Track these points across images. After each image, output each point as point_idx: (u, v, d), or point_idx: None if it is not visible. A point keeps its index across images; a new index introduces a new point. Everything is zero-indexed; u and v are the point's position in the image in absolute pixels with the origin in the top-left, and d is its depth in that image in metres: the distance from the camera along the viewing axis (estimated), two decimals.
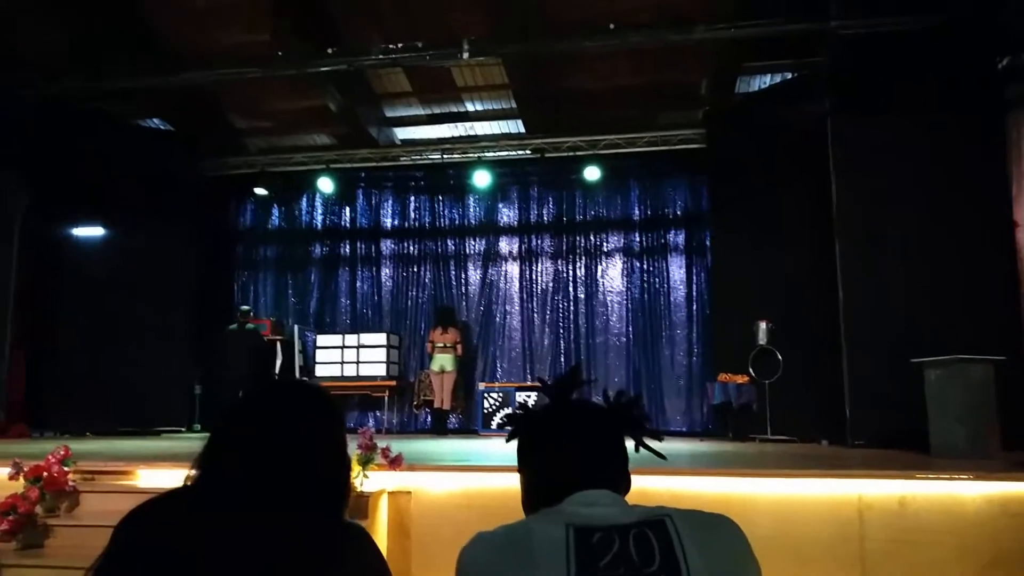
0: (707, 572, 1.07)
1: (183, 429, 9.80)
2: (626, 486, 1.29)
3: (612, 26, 7.70)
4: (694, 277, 10.42)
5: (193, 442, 7.77)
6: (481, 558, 1.15)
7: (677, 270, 10.51)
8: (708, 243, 10.14)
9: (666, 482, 4.16)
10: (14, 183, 8.55)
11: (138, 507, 1.11)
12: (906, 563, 3.87)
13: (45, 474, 4.29)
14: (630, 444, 1.37)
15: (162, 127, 10.79)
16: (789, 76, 9.16)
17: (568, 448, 1.28)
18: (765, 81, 9.52)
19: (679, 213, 10.66)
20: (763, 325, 8.11)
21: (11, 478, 4.32)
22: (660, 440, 1.42)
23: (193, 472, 1.16)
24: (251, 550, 1.04)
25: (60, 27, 8.55)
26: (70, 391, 8.89)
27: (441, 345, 9.92)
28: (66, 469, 4.39)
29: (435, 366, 9.91)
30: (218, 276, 11.43)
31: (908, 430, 5.89)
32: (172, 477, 4.65)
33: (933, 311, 6.45)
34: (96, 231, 9.71)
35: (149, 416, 9.36)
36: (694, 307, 10.35)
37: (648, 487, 4.10)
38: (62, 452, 4.43)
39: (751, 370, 8.20)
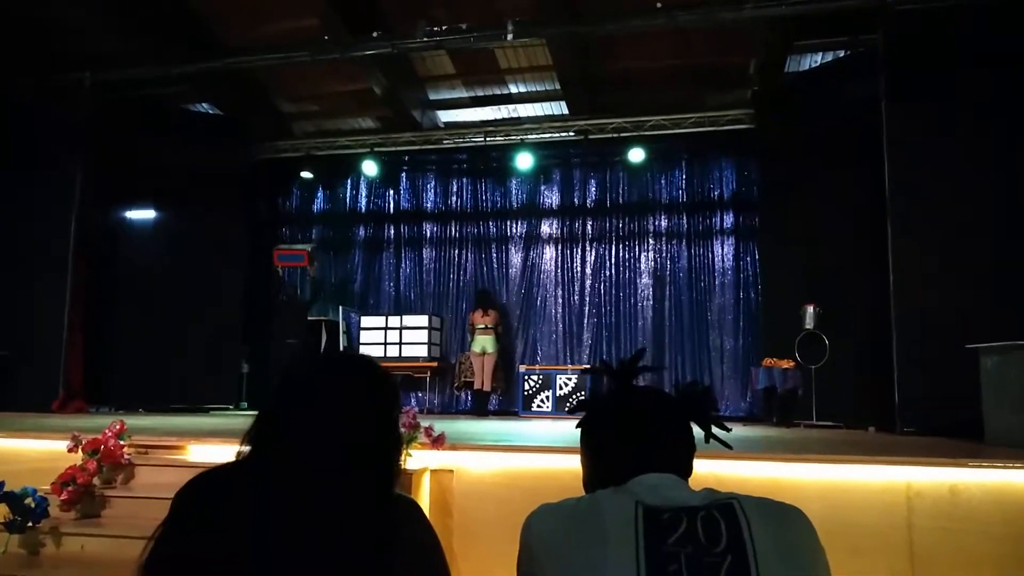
0: (774, 556, 1.06)
1: (231, 407, 10.03)
2: (689, 472, 1.31)
3: (659, 5, 7.58)
4: (740, 260, 10.26)
5: (240, 419, 8.00)
6: (549, 527, 1.16)
7: (723, 253, 10.36)
8: (756, 226, 9.96)
9: (710, 465, 4.12)
10: (71, 170, 8.80)
11: (193, 479, 1.14)
12: (956, 552, 3.77)
13: (102, 447, 4.44)
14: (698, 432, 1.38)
15: (211, 112, 10.98)
16: (842, 54, 8.90)
17: (637, 432, 1.29)
18: (816, 60, 9.27)
19: (726, 195, 10.50)
20: (810, 309, 7.95)
21: (70, 451, 4.48)
22: (728, 431, 1.41)
23: (244, 447, 1.17)
24: (300, 521, 1.06)
25: (112, 17, 8.75)
26: (125, 369, 9.19)
27: (482, 327, 9.99)
28: (122, 443, 4.53)
29: (476, 347, 9.98)
30: (265, 258, 11.63)
31: (961, 418, 5.73)
32: (220, 452, 4.78)
33: (988, 296, 6.25)
34: (149, 214, 9.99)
35: (198, 394, 9.61)
36: (740, 291, 10.20)
37: (694, 471, 4.06)
38: (118, 427, 4.57)
39: (797, 355, 8.06)
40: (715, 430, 1.39)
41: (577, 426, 1.39)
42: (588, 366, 10.14)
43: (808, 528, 1.15)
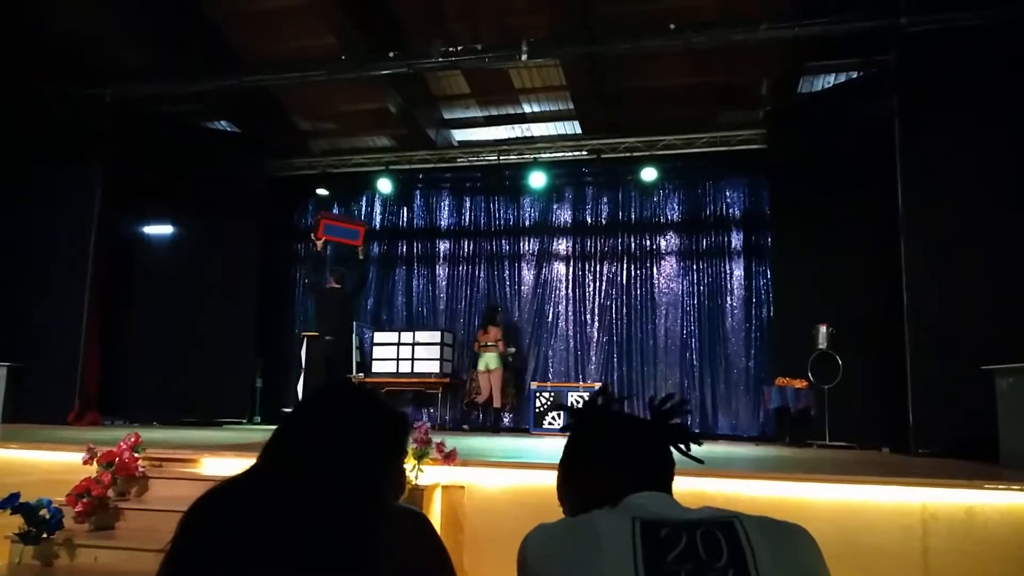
0: (777, 573, 1.04)
1: (244, 421, 10.08)
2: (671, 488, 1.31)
3: (672, 26, 7.63)
4: (753, 279, 10.23)
5: (253, 433, 8.00)
6: (546, 546, 1.15)
7: (735, 272, 10.34)
8: (768, 245, 9.96)
9: (722, 485, 4.11)
10: (91, 183, 8.93)
11: (203, 495, 1.19)
12: (972, 575, 3.74)
13: (117, 460, 4.47)
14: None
15: (229, 129, 11.13)
16: (854, 75, 8.92)
17: (621, 458, 1.29)
18: (829, 81, 9.30)
19: (738, 214, 10.50)
20: (823, 329, 7.92)
21: (85, 463, 4.52)
22: (699, 444, 1.39)
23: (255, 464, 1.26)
24: (293, 533, 1.10)
25: (133, 33, 8.92)
26: (140, 382, 9.26)
27: (484, 344, 9.98)
28: (136, 455, 4.57)
29: (481, 365, 9.98)
30: (280, 273, 11.74)
31: (976, 439, 5.68)
32: (234, 465, 4.81)
33: (1003, 316, 6.20)
34: (166, 229, 10.10)
35: (212, 408, 9.66)
36: (752, 310, 10.16)
37: (704, 490, 4.05)
38: (133, 439, 4.61)
39: (810, 374, 8.02)
40: (686, 447, 1.39)
41: (562, 460, 1.39)
42: (587, 385, 10.12)
43: (811, 546, 1.13)
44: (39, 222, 8.98)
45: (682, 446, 1.36)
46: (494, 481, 4.44)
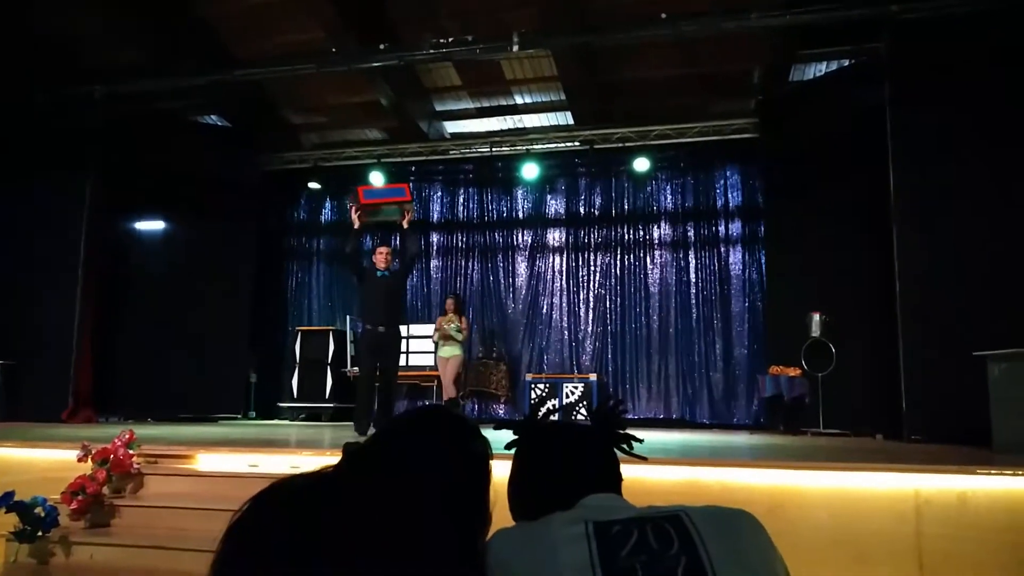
0: (726, 557, 1.07)
1: (239, 416, 10.08)
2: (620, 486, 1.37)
3: (664, 15, 7.60)
4: (746, 268, 10.26)
5: (247, 429, 7.96)
6: (504, 551, 1.17)
7: (729, 261, 10.37)
8: (761, 234, 9.97)
9: (718, 473, 4.12)
10: (82, 180, 8.86)
11: (277, 483, 1.12)
12: (965, 560, 3.76)
13: (112, 457, 4.45)
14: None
15: (220, 123, 11.06)
16: (846, 63, 8.93)
17: (569, 469, 1.34)
18: (820, 69, 9.30)
19: (731, 204, 10.51)
20: (816, 317, 7.95)
21: (80, 460, 4.49)
22: (640, 441, 1.45)
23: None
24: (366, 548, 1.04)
25: (124, 30, 8.84)
26: (134, 379, 9.22)
27: None
28: (131, 452, 4.55)
29: None
30: (273, 268, 11.69)
31: (968, 426, 5.70)
32: (229, 461, 4.80)
33: (994, 304, 6.23)
34: (158, 224, 10.04)
35: (207, 403, 9.66)
36: (746, 299, 10.20)
37: (700, 478, 4.07)
38: (127, 436, 4.59)
39: (804, 363, 8.05)
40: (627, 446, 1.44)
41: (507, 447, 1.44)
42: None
43: (756, 526, 1.17)
44: (31, 219, 8.91)
45: (625, 446, 1.43)
46: (496, 472, 4.43)
